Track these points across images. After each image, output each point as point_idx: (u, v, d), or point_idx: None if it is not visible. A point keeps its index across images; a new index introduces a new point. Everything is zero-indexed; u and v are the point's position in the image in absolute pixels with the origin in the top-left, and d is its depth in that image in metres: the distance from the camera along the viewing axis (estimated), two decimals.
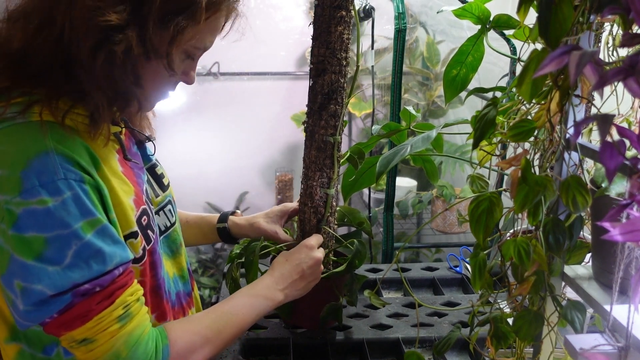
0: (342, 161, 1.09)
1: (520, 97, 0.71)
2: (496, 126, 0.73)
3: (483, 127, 0.72)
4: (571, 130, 0.63)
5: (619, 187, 0.65)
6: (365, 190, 2.27)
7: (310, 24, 1.01)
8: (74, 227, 0.70)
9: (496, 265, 0.76)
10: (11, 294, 0.72)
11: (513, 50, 1.55)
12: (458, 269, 1.44)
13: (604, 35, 0.72)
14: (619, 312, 0.60)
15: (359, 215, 1.21)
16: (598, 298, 0.65)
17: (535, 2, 0.62)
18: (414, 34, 2.56)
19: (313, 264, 0.99)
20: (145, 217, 0.85)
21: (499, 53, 0.93)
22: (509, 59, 1.55)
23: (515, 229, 0.71)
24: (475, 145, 0.73)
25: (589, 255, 0.75)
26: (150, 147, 0.99)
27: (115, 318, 0.74)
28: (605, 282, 0.68)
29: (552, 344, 0.71)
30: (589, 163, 0.79)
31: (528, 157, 0.66)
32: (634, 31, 0.49)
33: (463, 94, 0.97)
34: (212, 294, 2.59)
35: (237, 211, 1.24)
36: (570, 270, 0.73)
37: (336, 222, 1.14)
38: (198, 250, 2.80)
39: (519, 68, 0.83)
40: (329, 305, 1.09)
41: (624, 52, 0.70)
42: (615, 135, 0.47)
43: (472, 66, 0.92)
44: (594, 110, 0.70)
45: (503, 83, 1.63)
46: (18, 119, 0.73)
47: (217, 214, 1.21)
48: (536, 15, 0.58)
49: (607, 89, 0.72)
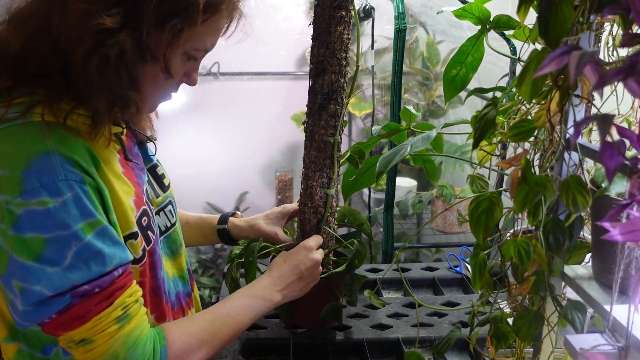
0: (342, 161, 1.09)
1: (520, 97, 0.71)
2: (496, 126, 0.73)
3: (483, 127, 0.72)
4: (571, 130, 0.63)
5: (619, 187, 0.65)
6: (365, 190, 2.27)
7: (310, 24, 1.01)
8: (74, 228, 0.70)
9: (496, 265, 0.76)
10: (10, 294, 0.72)
11: (513, 50, 1.55)
12: (458, 269, 1.44)
13: (604, 35, 0.72)
14: (619, 312, 0.60)
15: (359, 216, 1.21)
16: (598, 298, 0.65)
17: (535, 2, 0.62)
18: (414, 34, 2.55)
19: (311, 266, 0.99)
20: (145, 217, 0.85)
21: (499, 53, 0.93)
22: (509, 59, 1.55)
23: (515, 229, 0.71)
24: (475, 145, 0.73)
25: (589, 255, 0.75)
26: (151, 148, 0.99)
27: (114, 319, 0.74)
28: (605, 282, 0.68)
29: (552, 344, 0.71)
30: (589, 163, 0.79)
31: (528, 157, 0.66)
32: (634, 31, 0.49)
33: (463, 94, 0.97)
34: (212, 294, 2.59)
35: (238, 212, 1.24)
36: (570, 270, 0.73)
37: (336, 222, 1.14)
38: (198, 250, 2.80)
39: (519, 68, 0.83)
40: (329, 305, 1.09)
41: (624, 52, 0.70)
42: (615, 135, 0.47)
43: (472, 66, 0.92)
44: (594, 110, 0.70)
45: (503, 83, 1.63)
46: (19, 120, 0.73)
47: (217, 215, 1.21)
48: (536, 15, 0.58)
49: (607, 89, 0.72)
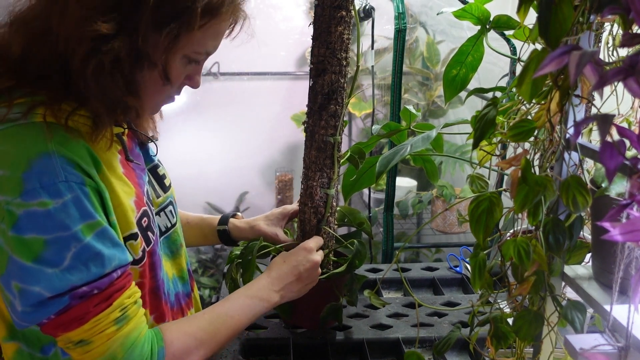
0: (342, 161, 1.09)
1: (520, 97, 0.71)
2: (496, 126, 0.73)
3: (483, 127, 0.72)
4: (571, 130, 0.63)
5: (619, 187, 0.65)
6: (365, 190, 2.27)
7: (310, 24, 1.01)
8: (73, 230, 0.70)
9: (496, 265, 0.76)
10: (9, 295, 0.72)
11: (513, 50, 1.55)
12: (458, 269, 1.44)
13: (604, 35, 0.72)
14: (619, 312, 0.60)
15: (359, 215, 1.21)
16: (598, 298, 0.65)
17: (535, 2, 0.62)
18: (414, 34, 2.56)
19: (310, 267, 0.99)
20: (145, 218, 0.85)
21: (499, 53, 0.93)
22: (509, 59, 1.55)
23: (515, 229, 0.71)
24: (475, 145, 0.73)
25: (589, 255, 0.75)
26: (152, 148, 0.99)
27: (112, 320, 0.74)
28: (605, 282, 0.68)
29: (552, 344, 0.71)
30: (589, 163, 0.79)
31: (528, 157, 0.66)
32: (634, 31, 0.49)
33: (463, 94, 0.97)
34: (212, 294, 2.59)
35: (238, 213, 1.23)
36: (570, 270, 0.73)
37: (336, 223, 1.14)
38: (198, 251, 2.80)
39: (519, 68, 0.83)
40: (329, 305, 1.09)
41: (624, 52, 0.70)
42: (615, 135, 0.47)
43: (472, 66, 0.92)
44: (594, 110, 0.70)
45: (503, 83, 1.63)
46: (21, 120, 0.73)
47: (217, 216, 1.21)
48: (536, 15, 0.58)
49: (607, 89, 0.72)
